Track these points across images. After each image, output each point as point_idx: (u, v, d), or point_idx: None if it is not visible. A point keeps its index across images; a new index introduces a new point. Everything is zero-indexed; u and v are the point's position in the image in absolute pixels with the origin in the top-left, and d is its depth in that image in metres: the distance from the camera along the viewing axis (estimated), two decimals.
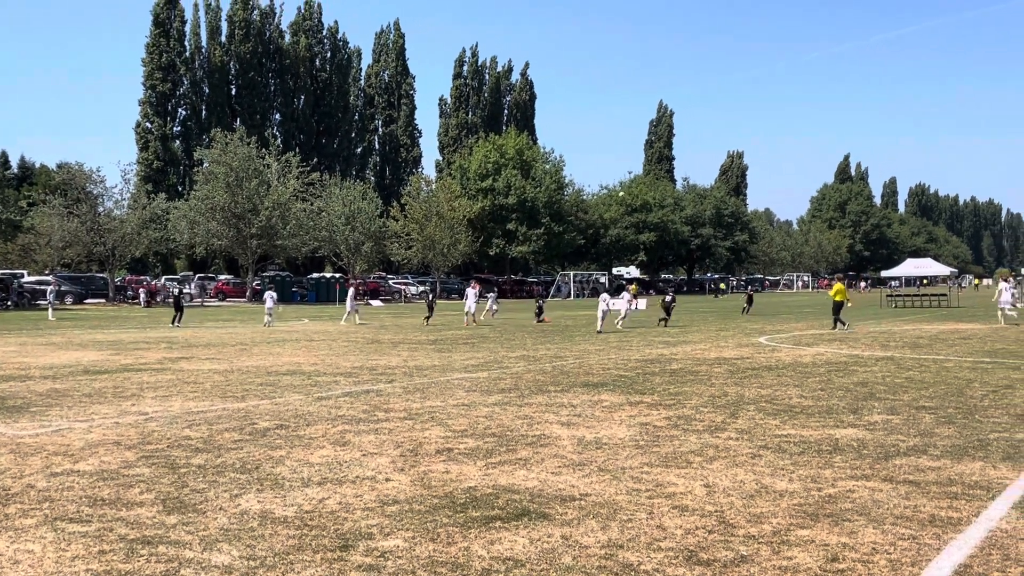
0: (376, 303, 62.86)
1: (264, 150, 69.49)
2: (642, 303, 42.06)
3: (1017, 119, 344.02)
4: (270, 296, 35.87)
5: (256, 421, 11.08)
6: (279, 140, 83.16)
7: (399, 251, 77.28)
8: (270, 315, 35.00)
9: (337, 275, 73.01)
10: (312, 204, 70.23)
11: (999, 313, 31.94)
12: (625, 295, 33.28)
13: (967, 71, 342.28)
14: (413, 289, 76.16)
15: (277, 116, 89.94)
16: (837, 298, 30.38)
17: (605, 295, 31.84)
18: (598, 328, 29.56)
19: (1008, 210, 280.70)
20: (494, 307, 42.12)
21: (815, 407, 11.96)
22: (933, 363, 17.87)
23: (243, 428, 10.55)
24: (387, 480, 7.83)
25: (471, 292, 36.06)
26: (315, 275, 75.62)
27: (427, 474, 8.05)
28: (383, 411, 11.85)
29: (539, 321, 36.15)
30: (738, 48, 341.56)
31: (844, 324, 29.91)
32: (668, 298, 35.03)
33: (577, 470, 8.18)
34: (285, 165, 69.72)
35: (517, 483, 7.67)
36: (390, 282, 77.65)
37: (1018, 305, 34.92)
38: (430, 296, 35.83)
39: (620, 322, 31.38)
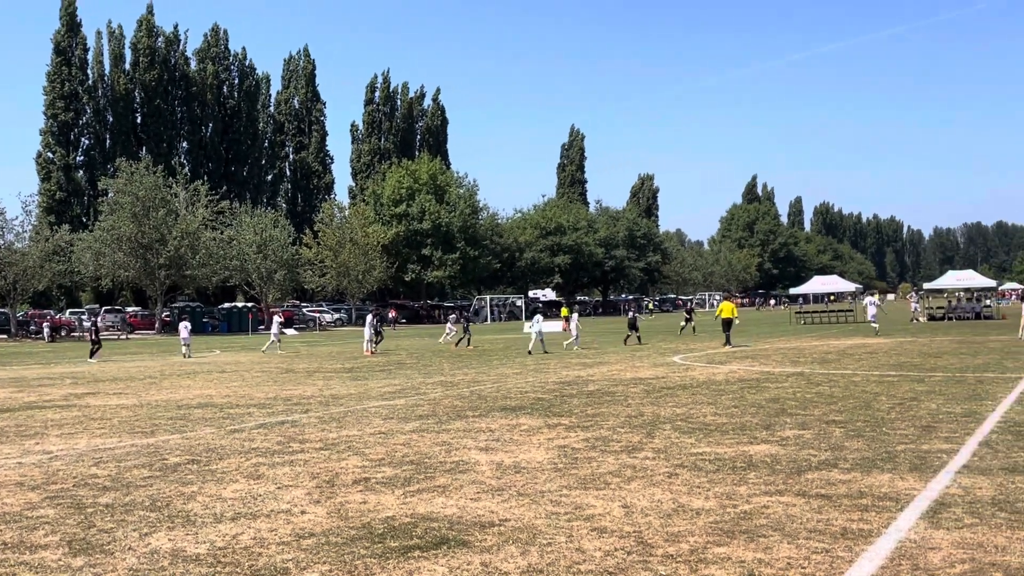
0: (290, 332, 61.96)
1: (171, 179, 68.21)
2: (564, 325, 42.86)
3: (915, 140, 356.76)
4: (184, 327, 35.07)
5: (166, 456, 10.78)
6: (187, 168, 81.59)
7: (313, 279, 76.49)
8: (187, 345, 34.23)
9: (249, 304, 71.81)
10: (222, 233, 69.12)
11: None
12: (575, 317, 34.01)
13: (869, 93, 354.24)
14: (328, 317, 75.35)
15: (184, 144, 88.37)
16: (725, 316, 31.60)
17: (539, 316, 32.35)
18: (528, 349, 30.15)
19: (909, 227, 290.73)
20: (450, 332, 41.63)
21: (729, 424, 12.13)
22: (842, 378, 18.31)
23: (152, 464, 10.25)
24: (303, 513, 7.67)
25: (369, 319, 35.21)
26: (227, 305, 74.26)
27: (344, 505, 7.92)
28: (298, 442, 11.64)
29: (463, 345, 36.20)
30: (647, 72, 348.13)
31: (728, 343, 30.89)
32: (631, 315, 36.52)
33: (496, 495, 8.13)
34: (194, 194, 68.51)
35: (436, 511, 7.60)
36: (304, 310, 76.65)
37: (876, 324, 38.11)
38: (376, 321, 35.97)
39: (573, 345, 32.24)
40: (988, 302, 57.35)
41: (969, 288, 57.99)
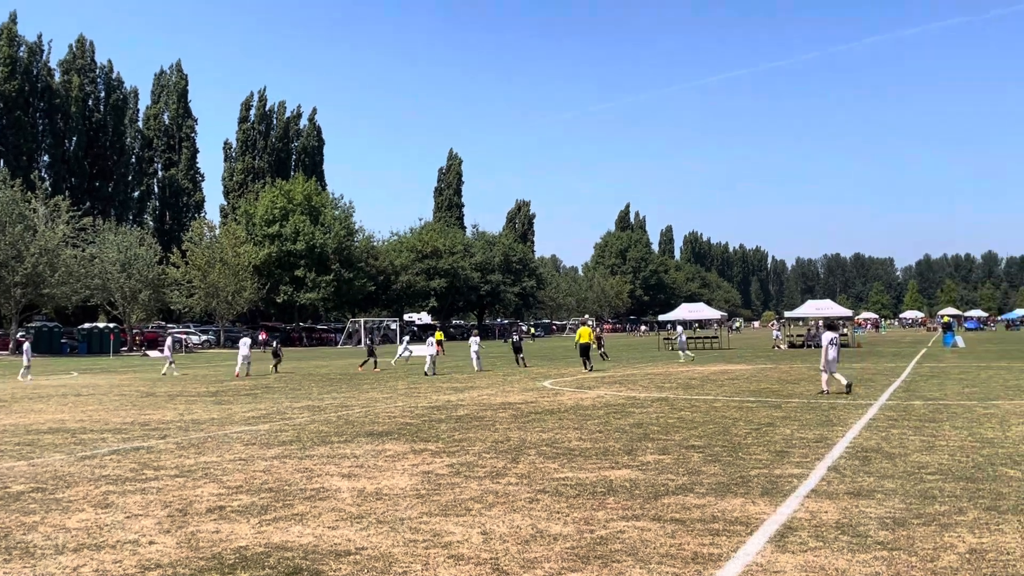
0: (154, 354, 59.99)
1: (30, 193, 65.36)
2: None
3: (779, 173, 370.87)
4: (26, 349, 33.59)
5: (9, 484, 10.25)
6: (48, 183, 78.35)
7: (180, 299, 74.32)
8: (27, 367, 32.79)
9: (111, 325, 69.21)
10: (84, 251, 66.54)
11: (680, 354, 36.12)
12: (431, 340, 33.88)
13: (735, 127, 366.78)
14: (195, 339, 73.25)
15: (46, 158, 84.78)
16: (583, 341, 32.49)
17: (475, 338, 34.12)
18: (478, 368, 32.65)
19: (773, 257, 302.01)
20: (405, 354, 40.87)
21: (593, 449, 12.28)
22: (703, 403, 18.78)
23: None
24: (151, 543, 7.40)
25: (244, 342, 34.13)
26: (87, 325, 71.37)
27: (195, 535, 7.67)
28: (152, 469, 11.24)
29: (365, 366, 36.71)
30: (525, 98, 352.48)
31: (588, 367, 31.75)
32: (516, 339, 37.81)
33: (355, 523, 8.02)
34: (54, 209, 65.80)
35: (291, 540, 7.43)
36: (170, 331, 74.28)
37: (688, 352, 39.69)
38: (275, 344, 37.36)
39: (429, 369, 31.57)
40: (845, 331, 59.80)
41: (827, 317, 60.36)
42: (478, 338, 34.79)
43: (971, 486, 9.23)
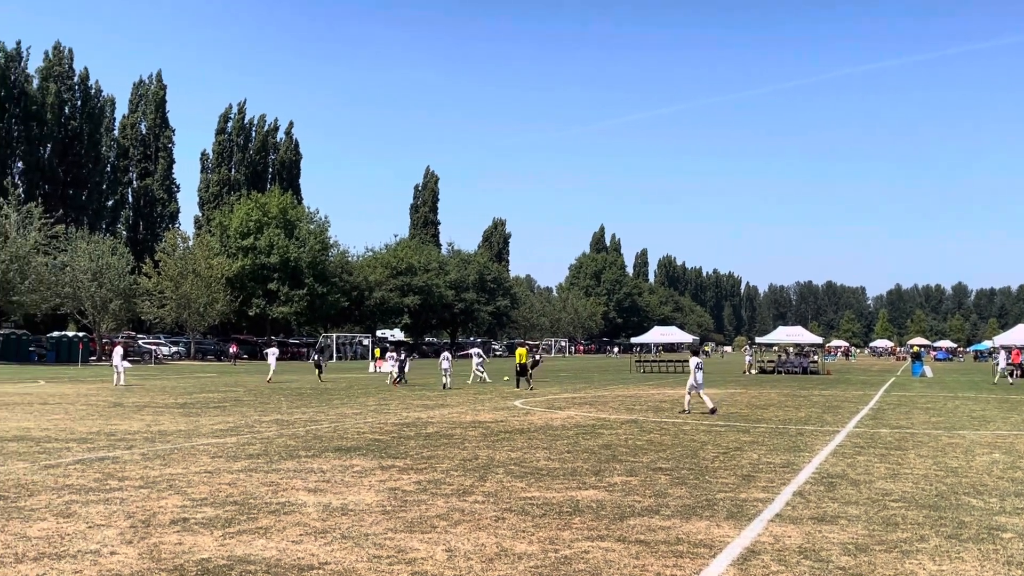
0: (125, 364, 59.38)
1: (2, 199, 64.78)
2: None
3: (752, 199, 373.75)
4: None
5: None
6: (20, 189, 77.56)
7: (151, 309, 73.77)
8: None
9: (80, 334, 68.55)
10: (56, 258, 65.93)
11: None
12: (392, 356, 34.60)
13: (711, 152, 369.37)
14: (165, 350, 72.68)
15: (20, 164, 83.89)
16: (521, 361, 34.68)
17: (447, 353, 35.16)
18: (447, 384, 33.45)
19: (747, 283, 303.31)
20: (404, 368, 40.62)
21: (561, 469, 12.31)
22: (673, 426, 18.86)
23: None
24: (112, 554, 7.34)
25: (272, 352, 39.49)
26: (56, 333, 70.64)
27: (158, 546, 7.62)
28: (117, 479, 11.15)
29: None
30: (502, 118, 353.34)
31: (529, 384, 33.69)
32: (537, 356, 40.04)
33: (319, 538, 7.99)
34: (26, 216, 65.20)
35: (254, 553, 7.40)
36: (140, 342, 73.68)
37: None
38: (316, 356, 40.82)
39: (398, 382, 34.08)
40: (815, 358, 60.24)
41: (798, 343, 60.84)
42: (449, 355, 35.16)
43: (934, 514, 9.33)
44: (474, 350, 35.70)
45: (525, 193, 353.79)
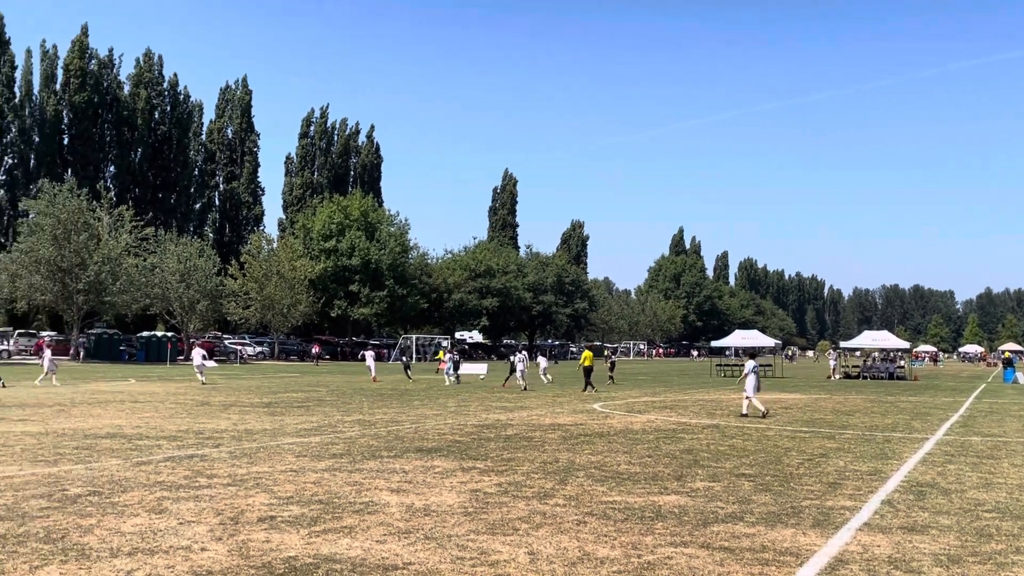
0: (210, 363, 60.85)
1: (96, 203, 66.86)
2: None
3: (839, 201, 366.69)
4: (48, 355, 35.19)
5: (67, 487, 10.48)
6: (112, 193, 79.91)
7: (236, 310, 75.37)
8: (51, 372, 34.11)
9: (169, 334, 70.37)
10: (145, 260, 67.81)
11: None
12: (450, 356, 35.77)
13: (796, 153, 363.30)
14: (250, 350, 74.17)
15: (112, 168, 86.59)
16: (586, 364, 33.90)
17: (520, 355, 35.42)
18: (524, 386, 33.83)
19: (831, 286, 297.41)
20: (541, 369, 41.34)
21: (642, 474, 12.22)
22: (755, 431, 18.58)
23: (52, 495, 9.96)
24: (203, 550, 7.52)
25: (370, 355, 42.66)
26: (145, 333, 72.65)
27: (246, 543, 7.78)
28: (206, 477, 11.42)
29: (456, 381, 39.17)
30: (582, 120, 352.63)
31: (593, 387, 33.36)
32: (613, 358, 41.66)
33: (403, 538, 8.07)
34: (118, 219, 67.19)
35: (340, 552, 7.50)
36: (226, 342, 75.35)
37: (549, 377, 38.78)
38: (404, 357, 44.90)
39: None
40: (902, 363, 58.82)
41: (884, 348, 59.44)
42: (525, 355, 35.31)
43: None
44: (519, 355, 35.62)
45: (604, 195, 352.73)
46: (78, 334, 64.76)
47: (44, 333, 72.85)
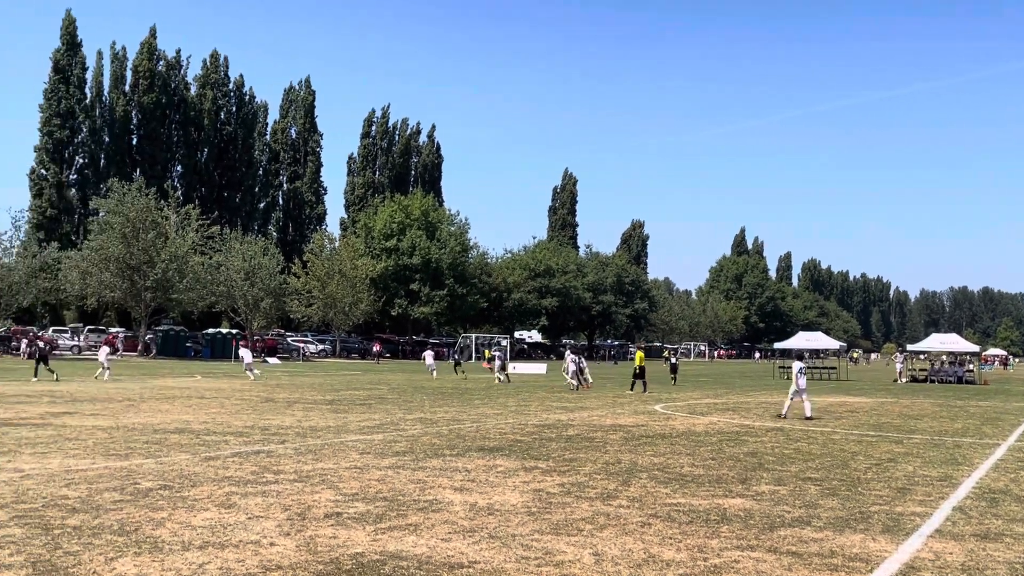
0: (273, 360, 61.75)
1: (163, 201, 68.22)
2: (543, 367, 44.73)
3: (906, 201, 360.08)
4: (104, 350, 36.10)
5: (139, 481, 10.71)
6: (179, 192, 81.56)
7: (299, 308, 76.33)
8: (105, 367, 34.99)
9: (234, 331, 71.54)
10: (211, 258, 69.00)
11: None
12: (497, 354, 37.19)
13: (861, 154, 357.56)
14: (312, 347, 75.06)
15: (179, 168, 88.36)
16: (639, 364, 33.83)
17: (573, 355, 35.39)
18: (575, 385, 33.82)
19: (897, 288, 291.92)
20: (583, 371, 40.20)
21: (706, 476, 12.12)
22: (821, 435, 18.32)
23: (124, 488, 10.18)
24: (272, 544, 7.63)
25: (429, 354, 44.39)
26: (211, 330, 73.95)
27: (314, 539, 7.87)
28: (272, 473, 11.58)
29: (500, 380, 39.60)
30: (643, 120, 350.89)
31: (646, 388, 33.12)
32: (673, 360, 42.75)
33: (467, 536, 8.10)
34: (184, 218, 68.47)
35: (406, 549, 7.56)
36: (288, 339, 76.38)
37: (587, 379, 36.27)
38: (456, 356, 47.17)
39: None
40: (971, 367, 57.52)
41: (952, 352, 58.19)
42: (575, 355, 35.57)
43: None
44: (571, 356, 35.59)
45: (665, 194, 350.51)
46: (146, 330, 66.10)
47: (113, 329, 74.52)
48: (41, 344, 37.41)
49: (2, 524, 8.18)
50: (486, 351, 56.86)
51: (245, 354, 38.31)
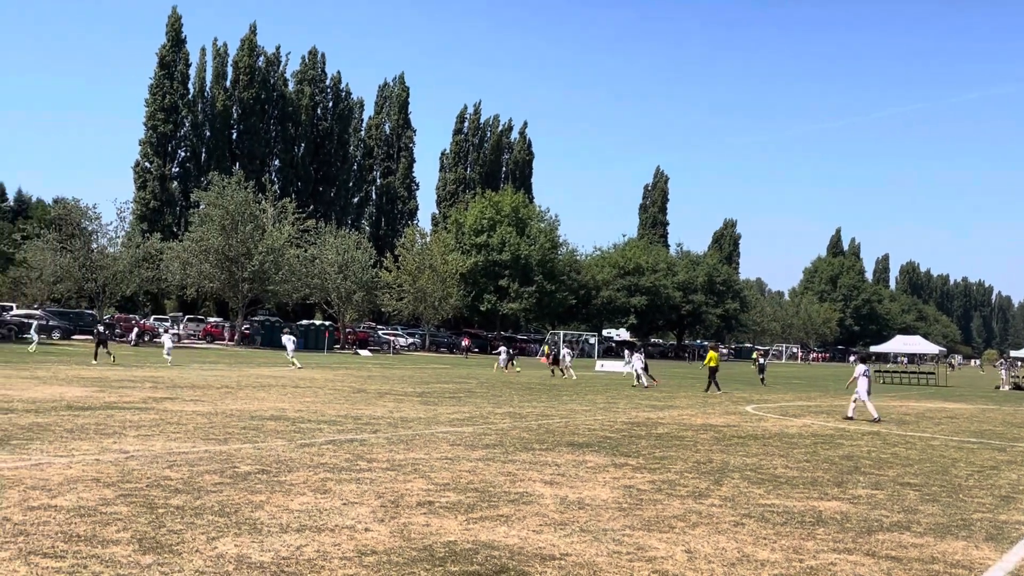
0: (364, 353, 62.69)
1: (261, 195, 69.80)
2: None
3: (1008, 204, 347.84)
4: (168, 337, 38.73)
5: (237, 465, 10.99)
6: (276, 186, 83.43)
7: (390, 302, 77.33)
8: (168, 354, 37.23)
9: (327, 323, 72.87)
10: (306, 251, 70.39)
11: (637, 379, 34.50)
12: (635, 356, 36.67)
13: (963, 152, 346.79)
14: (402, 341, 75.97)
15: (276, 162, 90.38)
16: (711, 364, 33.15)
17: (638, 354, 35.76)
18: (645, 383, 33.80)
19: (999, 292, 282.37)
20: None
21: (800, 478, 11.91)
22: (919, 440, 17.85)
23: (224, 471, 10.46)
24: (366, 530, 7.75)
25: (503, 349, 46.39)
26: (304, 322, 75.43)
27: (407, 526, 7.98)
28: (366, 461, 11.77)
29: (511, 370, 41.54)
30: (736, 118, 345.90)
31: (719, 388, 32.60)
32: (762, 360, 42.99)
33: (558, 529, 8.11)
34: (281, 211, 69.98)
35: (497, 539, 7.61)
36: (379, 332, 77.47)
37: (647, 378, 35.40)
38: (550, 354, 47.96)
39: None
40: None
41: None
42: (642, 355, 35.82)
43: None
44: (636, 355, 35.53)
45: (757, 194, 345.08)
46: (243, 321, 67.77)
47: (211, 319, 76.61)
48: (101, 328, 38.82)
49: (109, 502, 8.48)
50: (546, 347, 57.08)
51: (289, 342, 39.66)
